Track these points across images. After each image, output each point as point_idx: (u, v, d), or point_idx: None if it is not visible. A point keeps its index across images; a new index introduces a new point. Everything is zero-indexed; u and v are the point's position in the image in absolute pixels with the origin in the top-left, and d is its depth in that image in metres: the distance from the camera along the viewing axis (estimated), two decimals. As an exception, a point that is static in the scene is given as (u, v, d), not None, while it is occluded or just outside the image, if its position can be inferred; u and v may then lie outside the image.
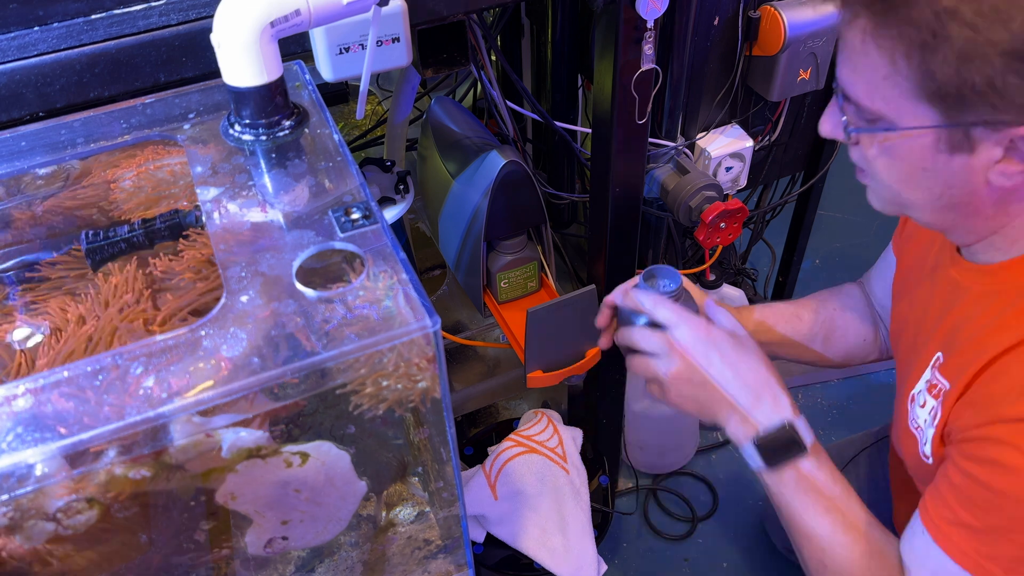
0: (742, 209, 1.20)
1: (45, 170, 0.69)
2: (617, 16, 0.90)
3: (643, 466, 1.69)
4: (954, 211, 0.73)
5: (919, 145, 0.69)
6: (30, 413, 0.48)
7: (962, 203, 0.71)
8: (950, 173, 0.69)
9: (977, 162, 0.67)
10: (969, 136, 0.66)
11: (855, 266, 2.15)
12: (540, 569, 1.14)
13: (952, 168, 0.69)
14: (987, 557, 0.71)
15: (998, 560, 0.70)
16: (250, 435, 0.57)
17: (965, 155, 0.67)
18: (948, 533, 0.73)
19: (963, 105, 0.64)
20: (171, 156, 0.72)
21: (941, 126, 0.66)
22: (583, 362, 1.11)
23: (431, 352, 0.56)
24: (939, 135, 0.67)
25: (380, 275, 0.56)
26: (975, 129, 0.65)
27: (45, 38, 0.69)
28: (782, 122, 1.36)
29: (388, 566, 0.77)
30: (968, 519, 0.72)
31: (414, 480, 0.75)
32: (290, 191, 0.63)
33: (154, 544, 0.62)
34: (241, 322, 0.53)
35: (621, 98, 0.97)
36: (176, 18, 0.72)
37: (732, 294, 1.54)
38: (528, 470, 1.17)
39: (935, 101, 0.66)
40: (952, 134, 0.67)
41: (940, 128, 0.67)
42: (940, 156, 0.68)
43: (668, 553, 1.61)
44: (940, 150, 0.68)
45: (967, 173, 0.69)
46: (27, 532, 0.54)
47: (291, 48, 0.77)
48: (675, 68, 1.18)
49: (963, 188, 0.70)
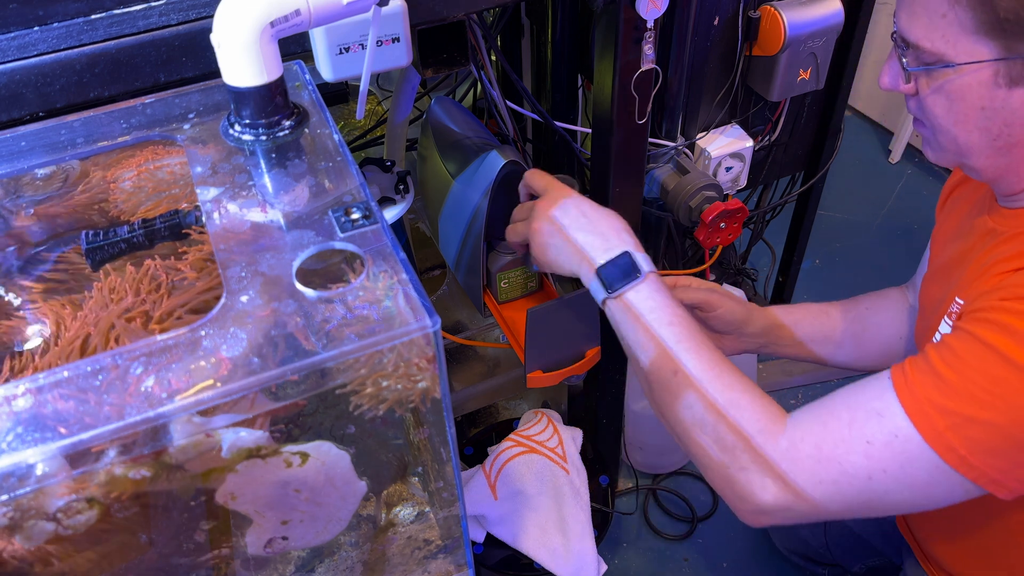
0: (742, 209, 1.20)
1: (45, 170, 0.69)
2: (617, 16, 0.90)
3: (643, 466, 1.69)
4: (1009, 153, 0.73)
5: (977, 81, 0.70)
6: (30, 413, 0.48)
7: (1019, 142, 0.72)
8: (1009, 110, 0.70)
9: None
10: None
11: (855, 266, 2.16)
12: (540, 569, 1.14)
13: (1011, 104, 0.70)
14: (937, 408, 0.69)
15: (946, 413, 0.68)
16: (250, 435, 0.57)
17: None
18: (911, 377, 0.71)
19: (1021, 34, 0.65)
20: (171, 156, 0.72)
21: (1000, 59, 0.68)
22: (583, 362, 1.11)
23: (431, 352, 0.56)
24: (998, 69, 0.68)
25: (380, 275, 0.56)
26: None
27: (45, 38, 0.69)
28: (782, 122, 1.36)
29: (388, 566, 0.77)
30: (942, 369, 0.70)
31: (414, 480, 0.75)
32: (290, 191, 0.63)
33: (154, 544, 0.62)
34: (241, 322, 0.53)
35: (621, 98, 0.97)
36: (176, 18, 0.72)
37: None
38: (528, 470, 1.17)
39: (995, 33, 0.66)
40: (1011, 66, 0.68)
41: (999, 61, 0.68)
42: (999, 92, 0.69)
43: (668, 553, 1.61)
44: (999, 84, 0.69)
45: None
46: (27, 532, 0.54)
47: (291, 48, 0.77)
48: (675, 68, 1.18)
49: (1021, 125, 0.71)
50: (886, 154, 2.50)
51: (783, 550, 1.53)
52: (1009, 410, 0.67)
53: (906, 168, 2.41)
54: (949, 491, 0.70)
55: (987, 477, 0.69)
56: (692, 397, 0.78)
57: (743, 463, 0.75)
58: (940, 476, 0.69)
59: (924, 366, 0.71)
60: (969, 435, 0.68)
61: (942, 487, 0.70)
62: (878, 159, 2.50)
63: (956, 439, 0.68)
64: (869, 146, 2.54)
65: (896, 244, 2.10)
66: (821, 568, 1.47)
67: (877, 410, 0.72)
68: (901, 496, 0.72)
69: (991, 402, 0.67)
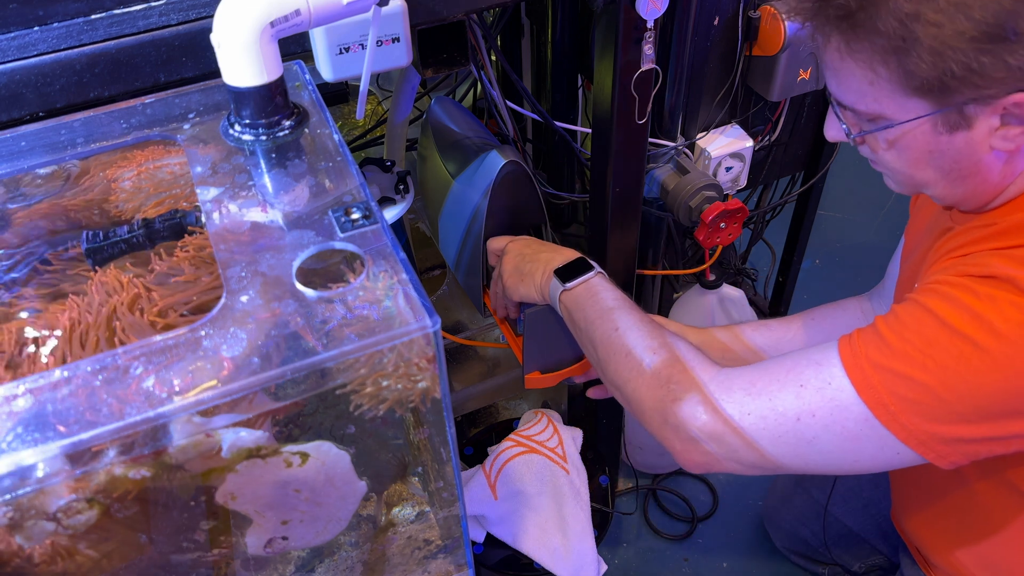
0: (742, 209, 1.20)
1: (45, 170, 0.69)
2: (617, 16, 0.90)
3: (643, 466, 1.69)
4: (965, 182, 0.76)
5: (920, 133, 0.72)
6: (30, 413, 0.48)
7: (971, 173, 0.75)
8: (955, 150, 0.73)
9: (977, 134, 0.71)
10: (964, 114, 0.69)
11: (855, 266, 2.16)
12: (540, 569, 1.14)
13: (956, 145, 0.72)
14: (872, 363, 0.71)
15: (881, 370, 0.70)
16: (250, 435, 0.57)
17: (965, 131, 0.71)
18: (855, 338, 0.74)
19: (948, 91, 0.68)
20: (171, 156, 0.72)
21: (935, 112, 0.70)
22: (581, 364, 1.11)
23: (431, 352, 0.56)
24: (935, 120, 0.71)
25: (380, 275, 0.56)
26: (967, 107, 0.69)
27: (45, 38, 0.69)
28: (782, 122, 1.36)
29: (388, 566, 0.77)
30: (884, 332, 0.72)
31: (414, 480, 0.75)
32: (290, 191, 0.63)
33: (154, 544, 0.62)
34: (241, 322, 0.53)
35: (621, 98, 0.97)
36: (176, 18, 0.72)
37: (732, 294, 1.54)
38: (528, 470, 1.17)
39: (922, 94, 0.69)
40: (947, 116, 0.70)
41: (935, 114, 0.70)
42: (942, 137, 0.72)
43: (668, 553, 1.61)
44: (940, 132, 0.72)
45: (971, 146, 0.72)
46: (27, 532, 0.54)
47: (291, 48, 0.77)
48: (675, 68, 1.18)
49: (970, 159, 0.73)
50: (886, 154, 2.49)
51: (783, 550, 1.54)
52: (940, 371, 0.69)
53: (906, 168, 2.41)
54: (879, 449, 0.72)
55: (915, 438, 0.70)
56: (633, 342, 0.84)
57: (676, 393, 0.78)
58: (869, 431, 0.71)
59: (870, 331, 0.74)
60: (900, 392, 0.70)
61: (872, 443, 0.72)
62: (878, 159, 2.49)
63: (887, 395, 0.70)
64: (869, 146, 2.53)
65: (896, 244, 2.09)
66: (820, 568, 1.47)
67: (816, 360, 0.74)
68: (831, 446, 0.73)
69: (923, 362, 0.69)
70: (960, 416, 0.69)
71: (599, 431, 1.44)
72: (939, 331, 0.69)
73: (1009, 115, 0.69)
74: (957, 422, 0.69)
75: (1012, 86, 0.66)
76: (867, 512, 1.30)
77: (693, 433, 0.76)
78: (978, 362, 0.68)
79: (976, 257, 0.73)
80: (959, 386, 0.69)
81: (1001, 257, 0.71)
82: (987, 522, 0.91)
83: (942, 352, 0.69)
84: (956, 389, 0.69)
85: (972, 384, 0.68)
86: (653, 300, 1.57)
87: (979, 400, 0.69)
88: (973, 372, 0.68)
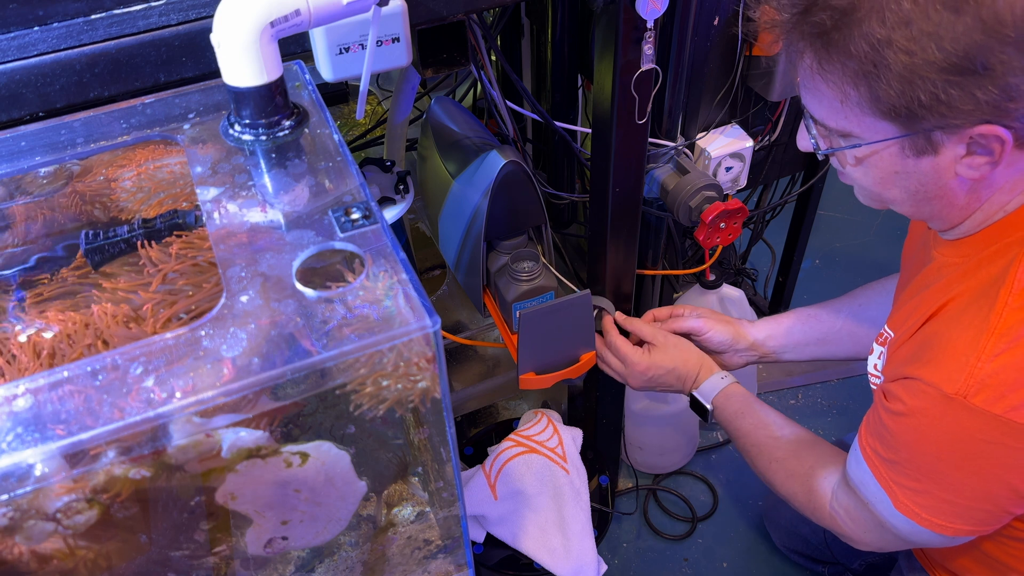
0: (742, 209, 1.20)
1: (45, 170, 0.69)
2: (617, 16, 0.90)
3: (643, 466, 1.69)
4: (931, 203, 0.78)
5: (887, 154, 0.74)
6: (30, 413, 0.48)
7: (937, 196, 0.76)
8: (921, 173, 0.74)
9: (943, 161, 0.72)
10: (931, 140, 0.70)
11: (855, 266, 2.16)
12: (540, 569, 1.14)
13: (921, 168, 0.73)
14: (894, 481, 0.82)
15: (901, 485, 0.82)
16: (250, 435, 0.57)
17: (931, 156, 0.72)
18: (869, 455, 0.85)
19: (916, 118, 0.68)
20: (171, 156, 0.72)
21: (902, 136, 0.71)
22: (577, 366, 1.11)
23: (431, 352, 0.56)
24: (903, 143, 0.72)
25: (380, 275, 0.56)
26: (935, 133, 0.69)
27: (45, 38, 0.69)
28: (782, 122, 1.36)
29: (388, 566, 0.77)
30: (878, 447, 0.84)
31: (414, 480, 0.75)
32: (290, 191, 0.63)
33: (154, 544, 0.62)
34: (241, 322, 0.53)
35: (621, 98, 0.97)
36: (176, 18, 0.72)
37: (732, 294, 1.54)
38: (528, 470, 1.17)
39: (890, 117, 0.70)
40: (914, 141, 0.71)
41: (902, 138, 0.71)
42: (908, 160, 0.73)
43: (668, 553, 1.61)
44: (907, 155, 0.73)
45: (936, 171, 0.73)
46: (27, 532, 0.54)
47: (291, 48, 0.77)
48: (675, 68, 1.18)
49: (935, 183, 0.75)
50: (886, 154, 2.49)
51: (783, 549, 1.54)
52: (933, 478, 0.79)
53: (906, 168, 2.41)
54: (928, 539, 0.85)
55: (962, 532, 0.81)
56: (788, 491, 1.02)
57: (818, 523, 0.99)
58: (920, 532, 0.83)
59: (872, 442, 0.85)
60: (922, 503, 0.81)
61: (922, 537, 0.84)
62: (878, 159, 2.49)
63: (916, 507, 0.82)
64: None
65: (896, 244, 2.09)
66: (821, 566, 1.47)
67: (857, 484, 0.89)
68: (895, 546, 0.90)
69: (918, 476, 0.80)
70: (967, 508, 0.80)
71: (599, 431, 1.44)
72: (908, 451, 0.80)
73: (975, 144, 0.69)
74: (971, 521, 0.80)
75: (979, 118, 0.66)
76: (867, 510, 1.31)
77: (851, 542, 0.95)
78: (935, 458, 0.79)
79: (912, 347, 0.81)
80: (948, 483, 0.79)
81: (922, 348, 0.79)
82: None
83: (924, 464, 0.80)
84: (948, 486, 0.79)
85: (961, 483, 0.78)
86: (653, 300, 1.57)
87: (973, 492, 0.79)
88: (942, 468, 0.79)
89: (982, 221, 0.78)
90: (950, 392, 0.74)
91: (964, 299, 0.77)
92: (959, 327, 0.75)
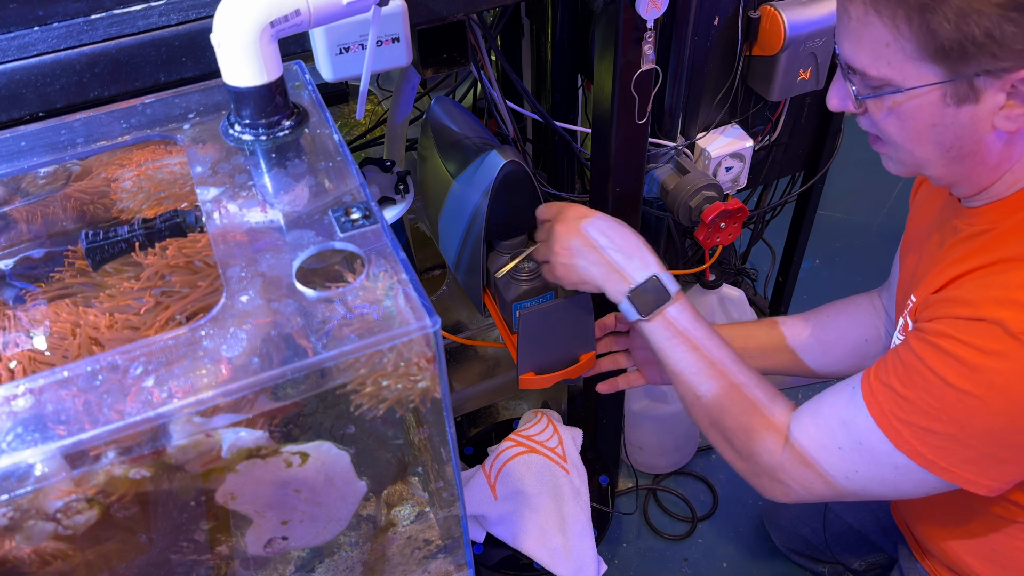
0: (742, 209, 1.20)
1: (45, 170, 0.69)
2: (617, 16, 0.90)
3: (643, 466, 1.69)
4: (963, 162, 0.77)
5: (927, 102, 0.73)
6: (30, 413, 0.48)
7: (971, 153, 0.76)
8: (958, 125, 0.73)
9: (983, 110, 0.72)
10: (973, 86, 0.70)
11: (855, 266, 2.16)
12: (540, 569, 1.14)
13: (960, 120, 0.73)
14: (901, 420, 0.78)
15: (911, 426, 0.77)
16: (250, 435, 0.57)
17: (971, 105, 0.72)
18: (877, 391, 0.80)
19: (965, 58, 0.68)
20: (171, 156, 0.72)
21: (946, 81, 0.71)
22: (577, 366, 1.11)
23: (431, 352, 0.56)
24: (945, 90, 0.71)
25: (380, 275, 0.56)
26: (978, 79, 0.69)
27: (45, 38, 0.69)
28: (782, 122, 1.36)
29: (388, 566, 0.77)
30: (898, 386, 0.78)
31: (414, 480, 0.75)
32: (290, 191, 0.63)
33: (154, 544, 0.62)
34: (241, 322, 0.53)
35: (621, 98, 0.97)
36: (176, 18, 0.72)
37: (732, 294, 1.54)
38: (528, 470, 1.17)
39: (938, 58, 0.69)
40: (957, 87, 0.71)
41: (945, 83, 0.71)
42: (948, 110, 0.73)
43: (668, 553, 1.61)
44: (947, 104, 0.72)
45: (974, 123, 0.73)
46: (27, 532, 0.54)
47: (291, 48, 0.77)
48: (675, 68, 1.18)
49: (971, 137, 0.74)
50: (886, 154, 2.49)
51: (783, 549, 1.53)
52: (955, 424, 0.75)
53: (906, 168, 2.41)
54: (918, 485, 0.80)
55: (960, 477, 0.77)
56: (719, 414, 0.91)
57: (757, 471, 0.90)
58: (910, 474, 0.79)
59: (885, 378, 0.80)
60: (931, 443, 0.77)
61: (911, 482, 0.80)
62: (878, 159, 2.49)
63: (922, 446, 0.77)
64: (869, 146, 2.53)
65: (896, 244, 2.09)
66: (821, 566, 1.47)
67: (845, 421, 0.83)
68: (878, 489, 0.84)
69: (938, 416, 0.76)
70: (991, 457, 0.76)
71: (599, 431, 1.44)
72: (943, 389, 0.75)
73: (1016, 93, 0.70)
74: (991, 463, 0.76)
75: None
76: (867, 508, 1.31)
77: (779, 497, 0.90)
78: (984, 414, 0.73)
79: (964, 291, 0.77)
80: (977, 433, 0.75)
81: (990, 289, 0.74)
82: (984, 511, 0.92)
83: (951, 408, 0.75)
84: (976, 436, 0.75)
85: (986, 431, 0.74)
86: (653, 300, 1.57)
87: (999, 442, 0.75)
88: (982, 422, 0.74)
89: (1012, 184, 0.77)
90: None
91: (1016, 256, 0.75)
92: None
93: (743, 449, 0.90)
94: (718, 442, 0.93)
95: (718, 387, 0.90)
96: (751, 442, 0.88)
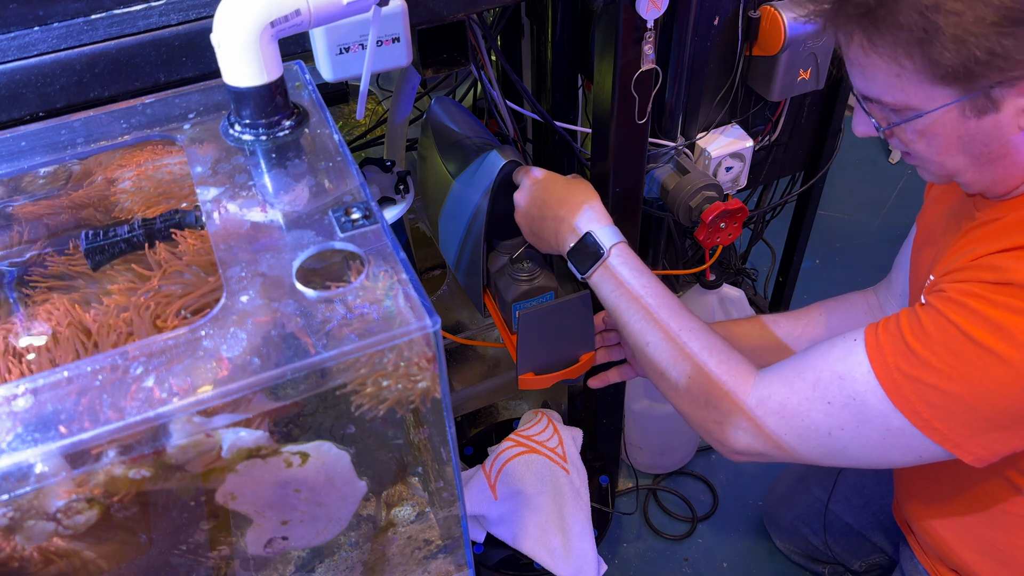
0: (742, 209, 1.20)
1: (45, 170, 0.69)
2: (617, 16, 0.90)
3: (643, 466, 1.69)
4: (994, 166, 0.77)
5: (949, 120, 0.74)
6: (30, 413, 0.48)
7: (1000, 156, 0.76)
8: (984, 134, 0.74)
9: (1005, 116, 0.73)
10: (991, 97, 0.71)
11: (855, 266, 2.16)
12: (540, 569, 1.14)
13: (984, 128, 0.74)
14: (905, 375, 0.75)
15: (914, 382, 0.75)
16: (250, 435, 0.57)
17: (993, 114, 0.73)
18: (884, 343, 0.78)
19: (974, 77, 0.69)
20: (171, 156, 0.72)
21: (962, 98, 0.72)
22: (577, 366, 1.10)
23: (431, 352, 0.56)
24: (963, 106, 0.72)
25: (380, 275, 0.56)
26: (994, 90, 0.71)
27: (45, 38, 0.69)
28: (782, 122, 1.36)
29: (388, 566, 0.77)
30: (911, 340, 0.76)
31: (414, 480, 0.75)
32: (290, 191, 0.63)
33: (154, 544, 0.62)
34: (241, 322, 0.53)
35: (621, 98, 0.97)
36: (176, 18, 0.72)
37: (732, 294, 1.54)
38: (528, 470, 1.17)
39: (948, 82, 0.71)
40: (975, 101, 0.72)
41: (963, 100, 0.72)
42: (970, 122, 0.74)
43: (668, 553, 1.61)
44: (968, 117, 0.73)
45: (999, 128, 0.74)
46: (27, 532, 0.54)
47: (291, 48, 0.77)
48: (675, 68, 1.18)
49: (999, 142, 0.75)
50: (886, 154, 2.50)
51: (783, 549, 1.54)
52: (967, 382, 0.72)
53: (906, 168, 2.41)
54: (909, 448, 0.77)
55: (951, 441, 0.75)
56: (665, 363, 0.89)
57: (717, 416, 0.85)
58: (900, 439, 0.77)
59: (896, 333, 0.77)
60: (932, 401, 0.74)
61: (898, 448, 0.78)
62: (878, 159, 2.50)
63: (921, 404, 0.74)
64: (869, 146, 2.54)
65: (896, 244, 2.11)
66: (821, 566, 1.47)
67: (839, 373, 0.79)
68: (859, 452, 0.80)
69: (950, 374, 0.73)
70: (990, 421, 0.73)
71: (599, 431, 1.44)
72: (962, 343, 0.73)
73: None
74: (988, 427, 0.74)
75: None
76: (868, 508, 1.31)
77: (738, 448, 0.85)
78: (1001, 372, 0.71)
79: (993, 260, 0.75)
80: (986, 395, 0.72)
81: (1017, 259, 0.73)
82: (985, 508, 0.92)
83: (966, 364, 0.72)
84: (984, 397, 0.72)
85: (998, 392, 0.72)
86: (653, 300, 1.57)
87: (1006, 406, 0.73)
88: (998, 382, 0.72)
89: None
90: None
91: None
92: None
93: (701, 394, 0.86)
94: (670, 390, 0.90)
95: (663, 335, 0.89)
96: (711, 387, 0.85)
